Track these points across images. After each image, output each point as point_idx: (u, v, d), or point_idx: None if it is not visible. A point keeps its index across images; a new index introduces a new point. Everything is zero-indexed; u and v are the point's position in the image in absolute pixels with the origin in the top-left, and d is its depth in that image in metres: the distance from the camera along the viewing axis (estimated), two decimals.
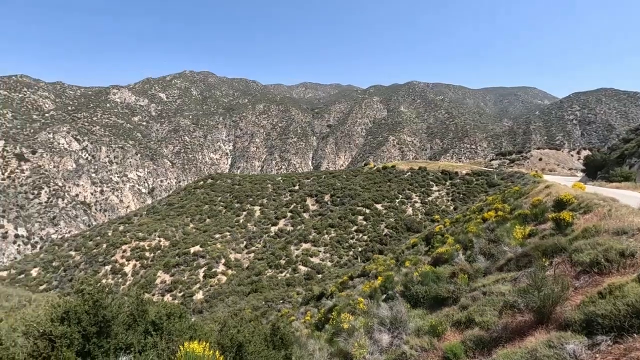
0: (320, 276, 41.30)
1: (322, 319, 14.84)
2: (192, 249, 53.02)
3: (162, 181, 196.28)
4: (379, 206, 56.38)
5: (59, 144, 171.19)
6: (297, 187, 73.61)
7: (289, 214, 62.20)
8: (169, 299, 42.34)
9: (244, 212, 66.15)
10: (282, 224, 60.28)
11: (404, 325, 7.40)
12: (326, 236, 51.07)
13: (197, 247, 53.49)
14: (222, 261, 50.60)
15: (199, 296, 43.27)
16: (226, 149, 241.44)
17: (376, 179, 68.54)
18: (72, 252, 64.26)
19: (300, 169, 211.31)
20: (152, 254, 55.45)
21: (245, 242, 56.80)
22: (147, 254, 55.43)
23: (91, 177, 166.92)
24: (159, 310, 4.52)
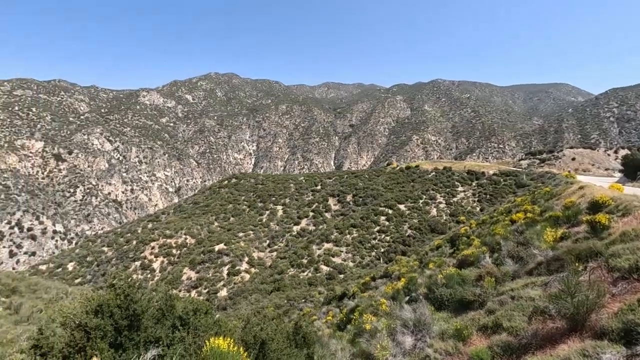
0: (342, 276, 41.22)
1: (344, 319, 14.80)
2: (217, 247, 54.24)
3: (188, 180, 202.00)
4: (402, 207, 55.62)
5: (92, 144, 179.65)
6: (319, 187, 73.80)
7: (311, 214, 62.45)
8: (195, 295, 43.50)
9: (267, 212, 67.00)
10: (304, 223, 60.61)
11: (427, 328, 7.27)
12: (348, 236, 50.90)
13: (221, 245, 54.66)
14: (246, 259, 51.47)
15: (223, 293, 44.20)
16: (250, 149, 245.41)
17: (399, 179, 67.64)
18: (104, 248, 67.30)
19: (322, 168, 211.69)
20: (179, 251, 57.16)
21: (268, 241, 57.53)
22: (174, 251, 57.20)
23: (122, 177, 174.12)
24: (186, 305, 4.66)
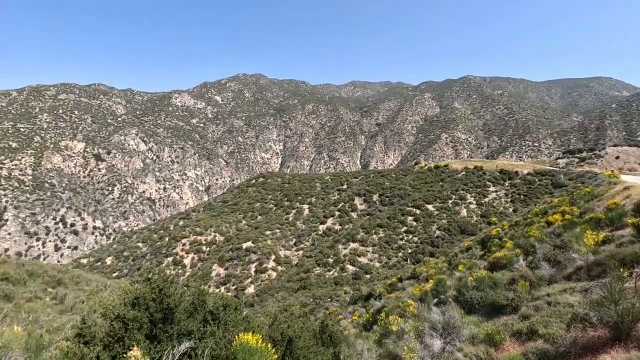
0: (368, 276, 40.92)
1: (370, 319, 14.70)
2: (245, 245, 55.40)
3: (217, 179, 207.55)
4: (430, 207, 54.42)
5: (128, 145, 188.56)
6: (345, 187, 73.59)
7: (337, 213, 62.40)
8: (223, 291, 44.68)
9: (293, 211, 67.63)
10: (330, 222, 60.68)
11: (457, 331, 7.08)
12: (374, 236, 50.44)
13: (249, 243, 55.79)
14: (272, 257, 52.23)
15: (251, 290, 45.10)
16: (276, 149, 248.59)
17: (427, 179, 66.19)
18: (139, 244, 70.49)
19: (348, 168, 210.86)
20: (208, 248, 58.88)
21: (294, 240, 58.07)
22: (204, 248, 58.99)
23: (156, 176, 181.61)
24: (216, 301, 4.80)
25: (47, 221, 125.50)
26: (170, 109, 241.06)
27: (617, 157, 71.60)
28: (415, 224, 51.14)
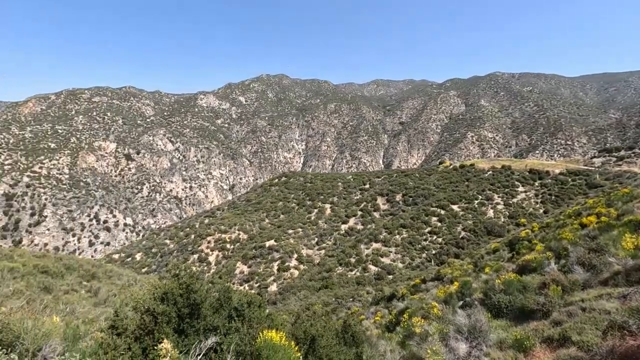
0: (390, 277, 40.48)
1: (393, 320, 14.54)
2: (268, 243, 56.12)
3: (241, 179, 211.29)
4: (455, 207, 53.15)
5: (157, 145, 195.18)
6: (367, 186, 73.07)
7: (359, 213, 62.07)
8: (247, 288, 45.46)
9: (316, 210, 67.84)
10: (352, 222, 60.44)
11: (484, 335, 6.88)
12: (397, 236, 49.82)
13: (272, 242, 56.46)
14: (295, 256, 52.61)
15: (273, 288, 45.62)
16: (299, 148, 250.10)
17: (452, 179, 64.67)
18: (167, 241, 72.84)
19: (370, 167, 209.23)
20: (232, 246, 60.07)
21: (316, 239, 58.26)
22: (228, 246, 60.22)
23: (182, 175, 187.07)
24: (241, 298, 4.90)
25: (82, 218, 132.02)
26: (196, 109, 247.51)
27: None
28: (439, 224, 50.12)
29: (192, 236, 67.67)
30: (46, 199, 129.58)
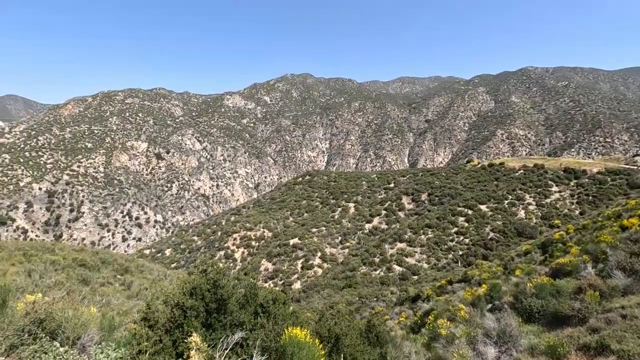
0: (415, 277, 39.84)
1: (418, 321, 14.31)
2: (292, 241, 56.64)
3: (265, 177, 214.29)
4: (483, 207, 51.54)
5: (185, 144, 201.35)
6: (392, 185, 72.19)
7: (384, 212, 61.44)
8: (271, 285, 46.11)
9: (339, 209, 67.76)
10: (376, 221, 59.92)
11: (514, 340, 6.65)
12: (423, 236, 48.93)
13: (295, 240, 56.94)
14: (318, 254, 52.81)
15: (297, 286, 46.02)
16: (323, 147, 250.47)
17: (480, 178, 62.72)
18: (195, 237, 75.07)
19: (395, 166, 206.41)
20: (257, 243, 61.08)
21: (340, 238, 58.21)
22: (253, 243, 61.29)
23: (209, 173, 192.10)
24: (266, 295, 4.98)
25: (116, 214, 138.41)
26: (222, 109, 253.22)
27: None
28: (466, 224, 48.78)
29: (219, 233, 69.39)
30: (83, 196, 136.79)
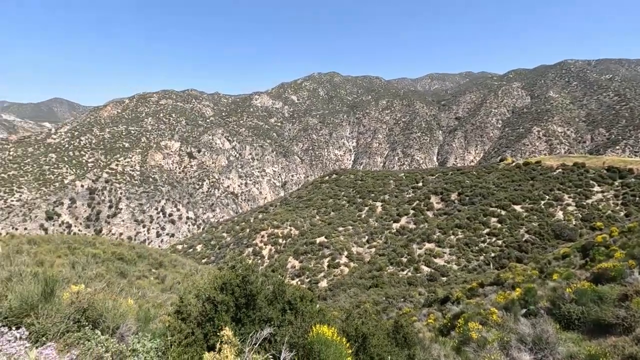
0: (444, 279, 38.87)
1: (448, 324, 13.96)
2: (318, 240, 56.86)
3: (292, 176, 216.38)
4: (517, 208, 49.43)
5: (215, 144, 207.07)
6: (420, 184, 70.76)
7: (412, 212, 60.35)
8: (298, 283, 46.55)
9: (366, 208, 67.25)
10: (404, 221, 58.98)
11: (551, 347, 6.34)
12: (452, 237, 47.63)
13: (322, 238, 57.11)
14: (345, 253, 52.70)
15: (323, 284, 46.17)
16: (349, 146, 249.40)
17: (515, 177, 60.16)
18: (224, 234, 77.09)
19: (424, 165, 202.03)
20: (284, 241, 61.82)
21: (366, 237, 57.79)
22: (280, 241, 62.09)
23: (238, 172, 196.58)
24: (294, 292, 5.04)
25: (151, 211, 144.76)
26: (251, 109, 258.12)
27: None
28: (499, 225, 46.96)
29: (247, 230, 70.89)
30: (121, 193, 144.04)
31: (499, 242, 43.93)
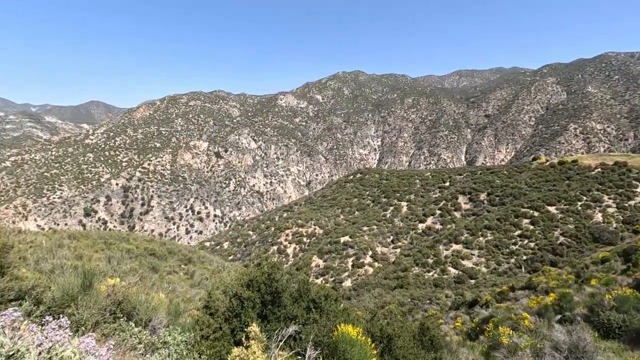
0: (472, 282, 37.77)
1: (476, 328, 13.56)
2: (342, 239, 56.76)
3: (317, 175, 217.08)
4: (552, 209, 47.20)
5: (242, 143, 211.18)
6: (447, 184, 69.07)
7: (438, 212, 59.03)
8: (322, 282, 46.67)
9: (391, 207, 66.43)
10: (430, 221, 57.79)
11: (588, 356, 6.02)
12: (481, 238, 46.16)
13: (346, 238, 56.95)
14: (369, 253, 52.31)
15: (347, 283, 46.04)
16: (374, 145, 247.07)
17: (549, 177, 57.49)
18: (250, 232, 78.52)
19: (451, 164, 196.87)
20: (309, 240, 62.16)
21: (391, 237, 57.09)
22: (305, 239, 62.48)
23: (264, 171, 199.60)
24: (318, 290, 5.06)
25: (180, 209, 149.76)
26: (276, 109, 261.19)
27: None
28: (532, 227, 45.04)
29: (272, 229, 71.85)
30: (153, 192, 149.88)
31: (532, 244, 42.15)
